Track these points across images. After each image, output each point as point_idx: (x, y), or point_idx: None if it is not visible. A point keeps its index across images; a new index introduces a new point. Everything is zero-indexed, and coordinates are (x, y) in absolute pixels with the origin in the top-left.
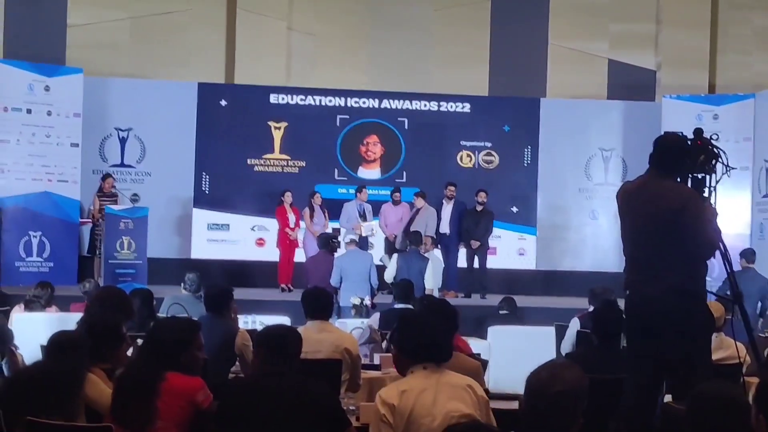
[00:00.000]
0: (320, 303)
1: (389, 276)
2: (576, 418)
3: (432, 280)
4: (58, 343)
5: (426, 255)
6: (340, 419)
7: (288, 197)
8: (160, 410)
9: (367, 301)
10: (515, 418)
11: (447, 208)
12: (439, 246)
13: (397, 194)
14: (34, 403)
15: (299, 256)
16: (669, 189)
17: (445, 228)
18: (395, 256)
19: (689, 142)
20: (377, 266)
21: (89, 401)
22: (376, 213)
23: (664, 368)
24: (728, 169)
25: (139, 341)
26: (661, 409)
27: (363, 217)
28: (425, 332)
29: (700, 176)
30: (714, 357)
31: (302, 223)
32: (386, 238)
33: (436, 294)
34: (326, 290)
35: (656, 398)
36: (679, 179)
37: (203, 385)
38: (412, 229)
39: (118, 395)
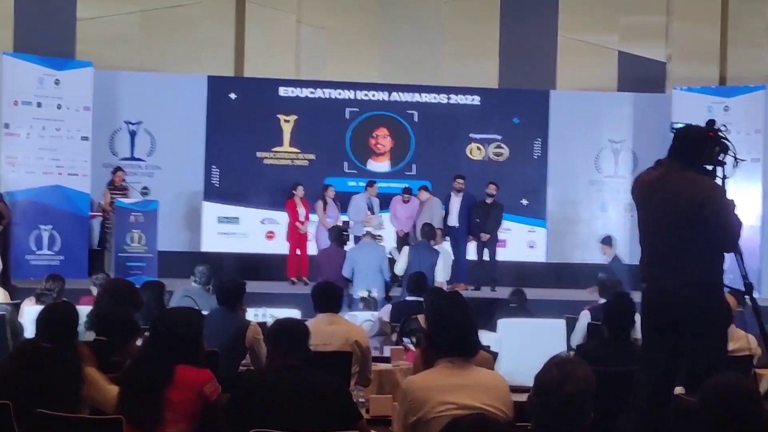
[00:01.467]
0: (330, 296)
1: (400, 269)
2: (587, 415)
3: (442, 273)
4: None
5: (436, 248)
6: (353, 412)
7: (300, 191)
8: (169, 403)
9: (375, 294)
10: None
11: (456, 201)
12: (447, 238)
13: (407, 195)
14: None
15: (312, 249)
16: (691, 181)
17: (454, 221)
18: (406, 249)
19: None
20: (389, 260)
21: (92, 401)
22: (384, 206)
23: (681, 361)
24: (737, 161)
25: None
26: (673, 401)
27: (371, 210)
28: (457, 326)
29: (710, 168)
30: None
31: (312, 216)
32: (396, 233)
33: (445, 287)
34: (336, 284)
35: (671, 392)
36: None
37: (212, 377)
38: (418, 222)
39: (127, 389)
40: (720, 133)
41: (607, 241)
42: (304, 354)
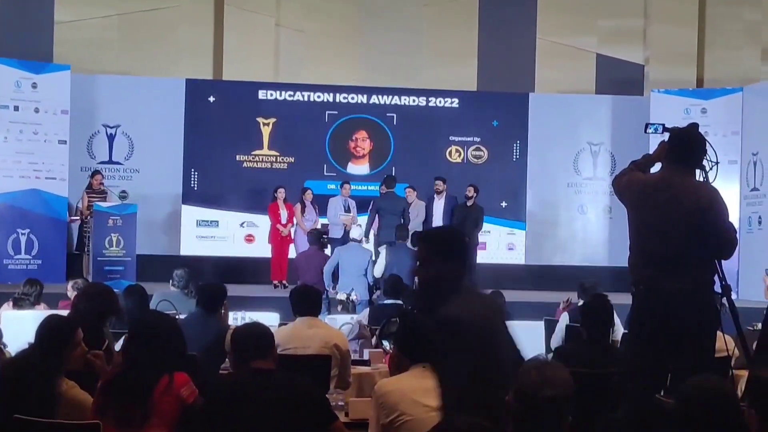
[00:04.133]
0: (309, 300)
1: (378, 271)
2: (566, 418)
3: None
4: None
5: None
6: (327, 414)
7: (281, 193)
8: (150, 408)
9: (354, 296)
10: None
11: (439, 203)
12: None
13: (384, 187)
14: (18, 397)
15: (292, 252)
16: (695, 186)
17: (438, 223)
18: (383, 251)
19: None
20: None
21: (69, 418)
22: (362, 209)
23: (673, 364)
24: (715, 164)
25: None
26: (653, 403)
27: (348, 211)
28: (423, 332)
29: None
30: None
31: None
32: (378, 229)
33: None
34: (314, 287)
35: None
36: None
37: (188, 380)
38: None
39: (111, 397)
40: (704, 137)
41: None
42: (271, 357)
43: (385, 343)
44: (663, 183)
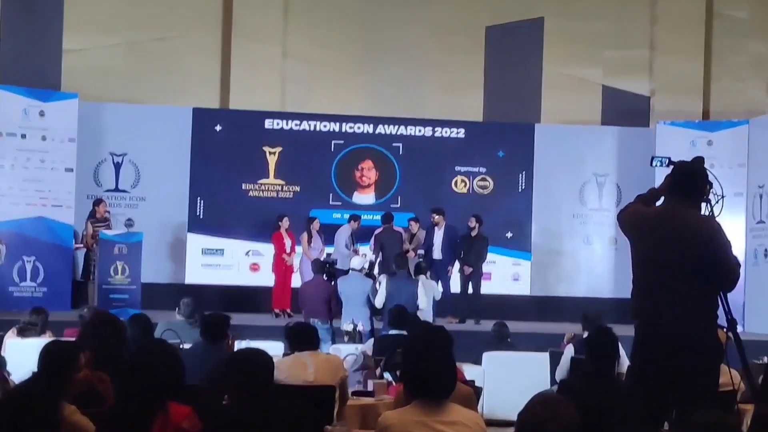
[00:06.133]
0: (305, 336)
1: (379, 302)
2: None
3: (425, 300)
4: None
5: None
6: None
7: (285, 222)
8: None
9: (361, 327)
10: None
11: (438, 234)
12: (428, 274)
13: (384, 224)
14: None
15: (296, 281)
16: (697, 219)
17: (437, 254)
18: (383, 281)
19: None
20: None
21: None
22: (366, 238)
23: (675, 398)
24: (720, 198)
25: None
26: None
27: (350, 247)
28: (426, 366)
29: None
30: None
31: (298, 248)
32: (380, 262)
33: (430, 315)
34: (307, 324)
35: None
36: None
37: (190, 413)
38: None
39: (108, 428)
40: (707, 171)
41: None
42: (269, 386)
43: (387, 375)
44: (664, 216)
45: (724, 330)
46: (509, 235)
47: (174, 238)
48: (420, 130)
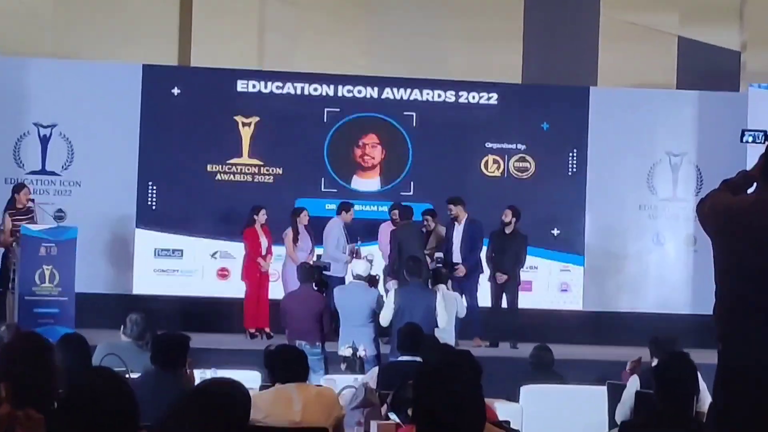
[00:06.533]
0: (289, 364)
1: (385, 319)
2: None
3: (446, 316)
4: None
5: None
6: None
7: (261, 216)
8: None
9: (363, 352)
10: None
11: (458, 231)
12: (450, 283)
13: (396, 211)
14: None
15: (277, 291)
16: None
17: (456, 257)
18: (391, 292)
19: None
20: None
21: None
22: (370, 236)
23: None
24: None
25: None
26: None
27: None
28: (445, 403)
29: None
30: None
31: (277, 249)
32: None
33: (452, 337)
34: (294, 347)
35: None
36: None
37: None
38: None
39: None
40: None
41: None
42: (244, 428)
43: (393, 416)
44: (760, 208)
45: None
46: (556, 232)
47: (118, 236)
48: (440, 95)
